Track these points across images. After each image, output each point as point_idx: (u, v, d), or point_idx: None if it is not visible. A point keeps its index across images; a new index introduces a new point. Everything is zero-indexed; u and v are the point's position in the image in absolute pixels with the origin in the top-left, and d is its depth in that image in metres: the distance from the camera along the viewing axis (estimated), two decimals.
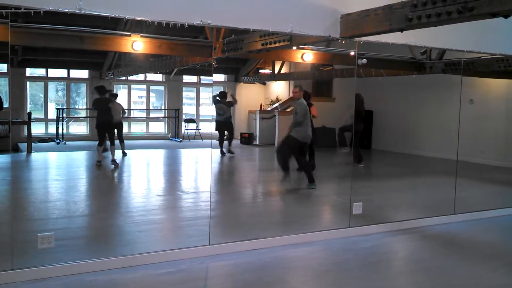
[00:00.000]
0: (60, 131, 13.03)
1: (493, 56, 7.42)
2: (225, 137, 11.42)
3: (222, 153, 11.26)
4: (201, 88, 16.67)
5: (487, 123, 10.58)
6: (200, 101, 16.66)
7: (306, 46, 8.29)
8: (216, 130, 11.49)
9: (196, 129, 15.31)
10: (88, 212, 6.39)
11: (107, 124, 9.46)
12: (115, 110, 9.86)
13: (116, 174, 9.48)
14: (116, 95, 10.80)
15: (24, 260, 4.02)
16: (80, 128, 14.37)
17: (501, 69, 8.07)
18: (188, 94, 16.94)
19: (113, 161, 9.51)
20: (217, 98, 11.41)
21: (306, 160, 7.95)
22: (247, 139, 14.76)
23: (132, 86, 15.62)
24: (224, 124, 11.29)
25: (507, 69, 8.18)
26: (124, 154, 10.41)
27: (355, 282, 4.09)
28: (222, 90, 13.49)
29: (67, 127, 13.41)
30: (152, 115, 16.19)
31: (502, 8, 3.33)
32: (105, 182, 8.78)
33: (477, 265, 4.61)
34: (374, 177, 10.21)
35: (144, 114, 15.98)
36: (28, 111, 12.67)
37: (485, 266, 4.58)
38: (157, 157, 12.80)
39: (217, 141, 11.27)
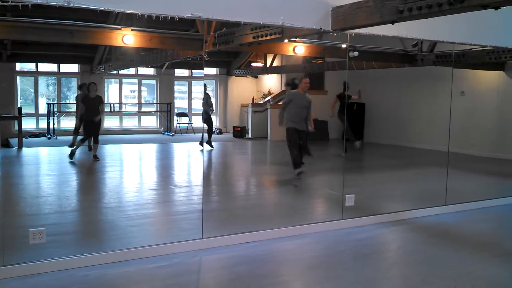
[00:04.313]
0: (51, 126, 12.94)
1: (484, 48, 7.44)
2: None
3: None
4: (193, 81, 16.60)
5: (478, 114, 10.65)
6: (192, 95, 16.60)
7: (297, 39, 8.29)
8: None
9: (188, 123, 15.27)
10: (80, 207, 6.37)
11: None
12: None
13: (108, 169, 9.44)
14: (82, 86, 10.71)
15: (15, 256, 4.01)
16: (71, 123, 14.24)
17: (492, 61, 8.12)
18: (180, 88, 16.86)
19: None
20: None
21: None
22: (239, 132, 14.76)
23: (124, 80, 15.53)
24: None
25: (498, 61, 8.24)
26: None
27: (348, 273, 4.11)
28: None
29: (58, 122, 13.31)
30: (144, 109, 16.11)
31: (492, 0, 3.34)
32: (97, 176, 8.73)
33: (468, 255, 4.65)
34: (366, 169, 10.25)
35: (136, 108, 15.91)
36: (19, 106, 12.56)
37: (477, 256, 4.62)
38: (149, 151, 12.76)
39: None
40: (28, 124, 12.79)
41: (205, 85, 12.14)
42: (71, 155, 9.44)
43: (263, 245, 4.75)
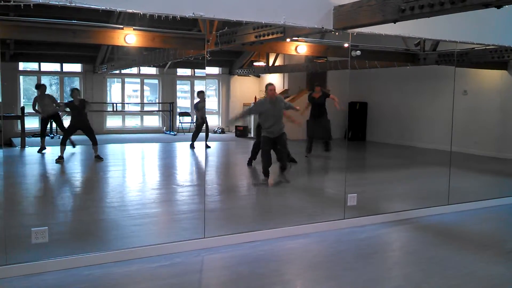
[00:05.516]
0: (53, 125, 12.95)
1: (486, 47, 7.42)
2: None
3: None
4: (195, 81, 16.61)
5: (480, 113, 10.62)
6: (194, 94, 16.60)
7: (299, 38, 8.28)
8: None
9: (190, 122, 15.27)
10: (82, 206, 6.38)
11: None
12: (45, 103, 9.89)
13: (110, 168, 9.45)
14: (40, 86, 10.76)
15: (18, 255, 4.01)
16: None
17: (494, 60, 8.09)
18: (182, 87, 16.87)
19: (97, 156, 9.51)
20: None
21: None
22: (242, 131, 14.76)
23: (126, 79, 15.54)
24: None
25: (501, 60, 8.20)
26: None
27: (350, 273, 4.11)
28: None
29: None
30: (146, 108, 16.12)
31: None
32: (100, 176, 8.75)
33: (470, 255, 4.64)
34: (368, 169, 10.23)
35: (138, 108, 15.92)
36: (22, 105, 12.59)
37: (479, 256, 4.61)
38: (151, 150, 12.78)
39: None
40: (31, 123, 12.81)
41: (203, 92, 12.22)
42: (60, 159, 9.36)
43: (265, 244, 4.75)
